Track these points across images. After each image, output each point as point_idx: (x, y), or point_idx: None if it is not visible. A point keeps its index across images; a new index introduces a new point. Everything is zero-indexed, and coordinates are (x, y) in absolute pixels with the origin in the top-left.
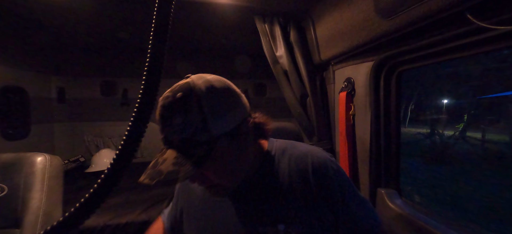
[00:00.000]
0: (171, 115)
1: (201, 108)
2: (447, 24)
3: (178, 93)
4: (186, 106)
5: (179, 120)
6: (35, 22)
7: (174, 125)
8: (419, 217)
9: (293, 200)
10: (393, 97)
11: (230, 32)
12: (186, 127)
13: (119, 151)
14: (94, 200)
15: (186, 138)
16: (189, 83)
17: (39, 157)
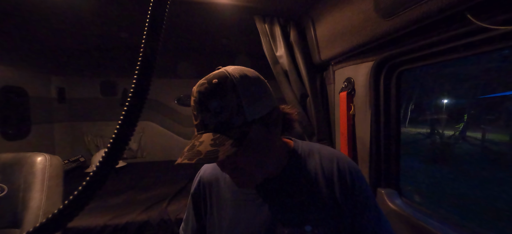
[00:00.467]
0: (207, 100)
1: (237, 93)
2: (447, 24)
3: (213, 79)
4: (222, 91)
5: (216, 104)
6: (35, 22)
7: (210, 109)
8: (419, 217)
9: (320, 202)
10: (393, 97)
11: (230, 32)
12: (223, 110)
13: (108, 151)
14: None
15: (222, 121)
16: (222, 71)
17: (39, 157)
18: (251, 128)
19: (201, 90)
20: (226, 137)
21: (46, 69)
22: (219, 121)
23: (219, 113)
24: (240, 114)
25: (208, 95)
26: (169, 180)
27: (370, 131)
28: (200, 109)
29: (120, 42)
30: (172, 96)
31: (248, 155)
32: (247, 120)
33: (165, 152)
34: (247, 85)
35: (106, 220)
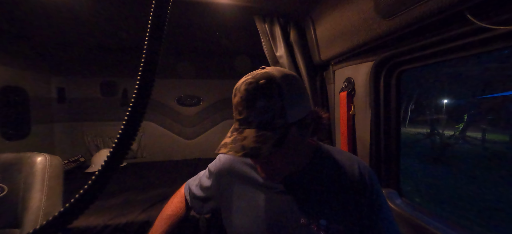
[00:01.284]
0: (254, 98)
1: (281, 96)
2: (447, 24)
3: (261, 80)
4: (268, 92)
5: (262, 103)
6: (35, 22)
7: (256, 108)
8: (419, 217)
9: (336, 200)
10: (393, 97)
11: (230, 32)
12: (267, 110)
13: (113, 150)
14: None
15: (266, 120)
16: (268, 72)
17: (39, 157)
18: (290, 129)
19: (248, 88)
20: (268, 136)
21: (46, 69)
22: (262, 120)
23: (264, 113)
24: (282, 116)
25: (255, 94)
26: (169, 180)
27: (370, 131)
28: (247, 106)
29: (120, 42)
30: (172, 96)
31: (283, 153)
32: (287, 122)
33: (165, 152)
34: (290, 90)
35: (106, 220)
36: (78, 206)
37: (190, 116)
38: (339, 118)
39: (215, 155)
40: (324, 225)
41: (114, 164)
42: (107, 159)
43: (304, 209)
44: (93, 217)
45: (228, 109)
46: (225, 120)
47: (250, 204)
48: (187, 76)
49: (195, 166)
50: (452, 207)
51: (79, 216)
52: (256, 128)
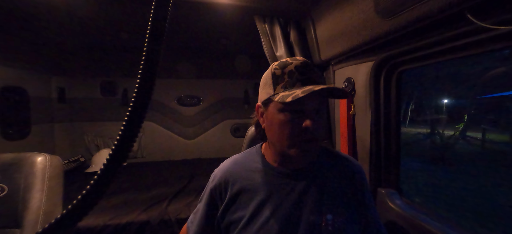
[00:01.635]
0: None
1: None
2: (447, 24)
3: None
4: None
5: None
6: (35, 22)
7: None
8: (419, 217)
9: (340, 196)
10: (393, 97)
11: (230, 32)
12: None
13: (114, 150)
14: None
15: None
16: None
17: (39, 157)
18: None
19: (304, 61)
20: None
21: (47, 69)
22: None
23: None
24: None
25: (313, 65)
26: (169, 180)
27: (370, 131)
28: (311, 69)
29: (121, 42)
30: (172, 96)
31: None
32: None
33: (165, 152)
34: None
35: (106, 220)
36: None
37: (190, 116)
38: (339, 118)
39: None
40: (330, 220)
41: (115, 165)
42: (107, 160)
43: (312, 206)
44: (93, 217)
45: (228, 109)
46: (225, 120)
47: (259, 211)
48: (187, 76)
49: (195, 166)
50: (453, 207)
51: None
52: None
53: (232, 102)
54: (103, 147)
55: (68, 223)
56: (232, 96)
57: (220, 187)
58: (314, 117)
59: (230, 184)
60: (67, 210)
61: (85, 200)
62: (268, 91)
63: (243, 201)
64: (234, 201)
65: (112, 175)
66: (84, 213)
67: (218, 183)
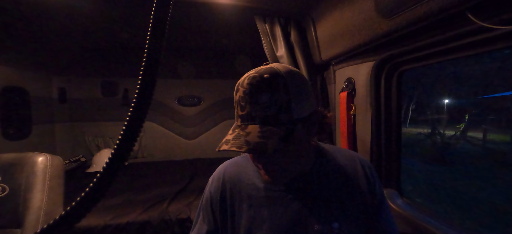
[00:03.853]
0: (258, 93)
1: (287, 90)
2: (448, 24)
3: (265, 74)
4: (273, 86)
5: (266, 98)
6: (36, 23)
7: (260, 103)
8: (420, 217)
9: (346, 200)
10: (394, 97)
11: (230, 32)
12: (272, 105)
13: (115, 150)
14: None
15: (270, 115)
16: (273, 67)
17: (40, 157)
18: (296, 126)
19: (252, 82)
20: (274, 131)
21: (47, 69)
22: (267, 115)
23: (268, 107)
24: (288, 111)
25: (259, 88)
26: (169, 180)
27: (370, 131)
28: (250, 101)
29: (121, 42)
30: (172, 96)
31: (287, 151)
32: (293, 118)
33: (165, 152)
34: (296, 84)
35: (107, 220)
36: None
37: (190, 116)
38: (339, 118)
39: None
40: (336, 228)
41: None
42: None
43: (316, 214)
44: (93, 217)
45: (228, 109)
46: (225, 120)
47: (259, 220)
48: (187, 76)
49: (196, 166)
50: (453, 207)
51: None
52: (260, 124)
53: (233, 102)
54: (103, 147)
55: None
56: (232, 96)
57: (220, 196)
58: (262, 160)
59: (228, 194)
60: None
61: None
62: None
63: (241, 214)
64: (232, 214)
65: (114, 174)
66: (84, 212)
67: (217, 192)
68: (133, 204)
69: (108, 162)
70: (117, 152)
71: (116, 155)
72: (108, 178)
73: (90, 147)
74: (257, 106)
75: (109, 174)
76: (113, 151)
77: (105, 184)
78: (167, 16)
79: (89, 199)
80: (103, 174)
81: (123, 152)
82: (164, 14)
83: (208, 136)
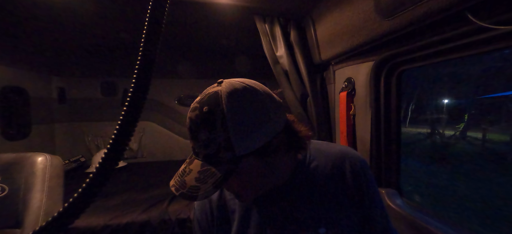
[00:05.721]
0: (197, 130)
1: (226, 127)
2: (448, 24)
3: (204, 106)
4: (210, 123)
5: (204, 136)
6: (35, 22)
7: (199, 140)
8: (419, 217)
9: (332, 202)
10: (394, 97)
11: (230, 32)
12: (210, 144)
13: (108, 150)
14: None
15: (211, 154)
16: (217, 94)
17: (39, 157)
18: (241, 161)
19: (192, 117)
20: (211, 174)
21: (47, 69)
22: (207, 153)
23: (208, 146)
24: (229, 149)
25: (198, 125)
26: (169, 180)
27: (370, 131)
28: (191, 137)
29: (120, 42)
30: (172, 96)
31: (240, 182)
32: (235, 155)
33: (165, 152)
34: (239, 116)
35: (107, 220)
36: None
37: None
38: (339, 118)
39: None
40: (323, 233)
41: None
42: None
43: (301, 220)
44: (93, 217)
45: None
46: None
47: (248, 228)
48: (187, 76)
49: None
50: (453, 207)
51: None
52: (202, 161)
53: None
54: (103, 147)
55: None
56: None
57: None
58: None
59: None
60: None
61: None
62: None
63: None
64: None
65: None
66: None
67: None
68: (133, 204)
69: (101, 162)
70: (110, 152)
71: (109, 155)
72: (101, 178)
73: (90, 147)
74: (197, 143)
75: (102, 174)
76: (106, 151)
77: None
78: (163, 17)
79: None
80: (96, 175)
81: (116, 152)
82: (160, 15)
83: None
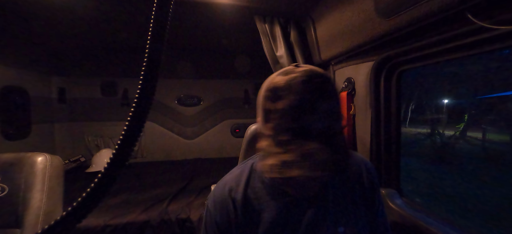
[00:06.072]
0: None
1: (337, 95)
2: (447, 24)
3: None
4: (331, 91)
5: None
6: (36, 23)
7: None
8: (419, 217)
9: (350, 203)
10: (394, 97)
11: (230, 32)
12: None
13: (116, 151)
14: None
15: (329, 126)
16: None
17: (39, 157)
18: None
19: (311, 88)
20: (336, 143)
21: (47, 69)
22: (326, 126)
23: (327, 118)
24: (340, 119)
25: (321, 95)
26: (169, 180)
27: (370, 131)
28: (309, 109)
29: (121, 42)
30: (172, 96)
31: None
32: (341, 128)
33: (165, 152)
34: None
35: (107, 220)
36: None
37: (190, 116)
38: None
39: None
40: (342, 232)
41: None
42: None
43: (324, 220)
44: (93, 217)
45: (228, 109)
46: (225, 120)
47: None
48: (187, 76)
49: (195, 166)
50: (452, 207)
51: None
52: (316, 137)
53: (232, 102)
54: (103, 147)
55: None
56: (232, 96)
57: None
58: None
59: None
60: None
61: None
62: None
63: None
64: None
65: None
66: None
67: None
68: (133, 204)
69: (109, 163)
70: (117, 154)
71: (116, 157)
72: (108, 180)
73: (90, 147)
74: (317, 115)
75: (109, 176)
76: (114, 153)
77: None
78: (168, 18)
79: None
80: (103, 176)
81: (124, 154)
82: (165, 16)
83: (207, 136)
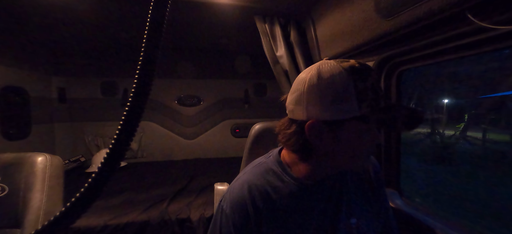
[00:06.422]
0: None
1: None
2: (447, 24)
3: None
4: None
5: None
6: (35, 22)
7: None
8: (419, 217)
9: (360, 196)
10: (394, 97)
11: (230, 32)
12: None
13: (109, 151)
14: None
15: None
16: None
17: (39, 157)
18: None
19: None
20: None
21: (47, 69)
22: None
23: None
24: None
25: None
26: (169, 180)
27: None
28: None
29: (121, 42)
30: (172, 96)
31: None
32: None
33: (165, 152)
34: None
35: (106, 220)
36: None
37: (190, 116)
38: None
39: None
40: (354, 223)
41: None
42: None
43: (336, 211)
44: (93, 217)
45: (228, 109)
46: (225, 120)
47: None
48: (187, 76)
49: (195, 166)
50: (452, 207)
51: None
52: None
53: (232, 102)
54: (103, 147)
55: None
56: (232, 96)
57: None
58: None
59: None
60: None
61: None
62: (346, 108)
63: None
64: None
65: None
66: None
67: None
68: (133, 204)
69: (103, 162)
70: (111, 153)
71: (111, 156)
72: (103, 179)
73: (90, 147)
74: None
75: (104, 175)
76: (108, 152)
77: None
78: (165, 17)
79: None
80: (98, 175)
81: (118, 152)
82: (161, 15)
83: (207, 136)
